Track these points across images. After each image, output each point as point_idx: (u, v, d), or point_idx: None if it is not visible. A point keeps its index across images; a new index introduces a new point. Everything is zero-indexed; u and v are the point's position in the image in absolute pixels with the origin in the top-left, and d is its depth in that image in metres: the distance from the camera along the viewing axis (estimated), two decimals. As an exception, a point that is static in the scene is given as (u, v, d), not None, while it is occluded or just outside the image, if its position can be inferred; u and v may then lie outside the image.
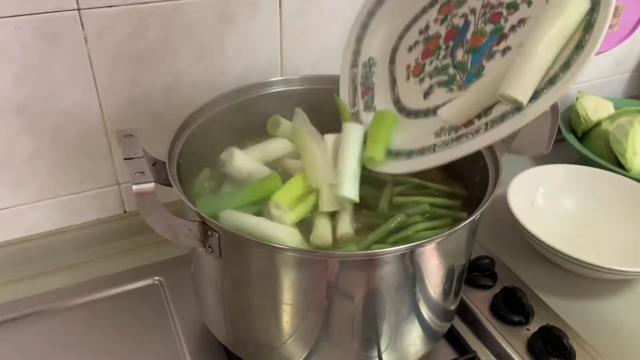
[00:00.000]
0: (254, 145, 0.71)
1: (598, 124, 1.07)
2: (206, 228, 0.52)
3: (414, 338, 0.62)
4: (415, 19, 0.71)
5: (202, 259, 0.58)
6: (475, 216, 0.54)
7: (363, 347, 0.59)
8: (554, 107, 0.96)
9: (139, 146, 0.54)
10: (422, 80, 0.68)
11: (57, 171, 0.78)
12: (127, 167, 0.51)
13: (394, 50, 0.72)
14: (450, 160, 0.59)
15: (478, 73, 0.62)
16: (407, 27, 0.71)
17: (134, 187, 0.48)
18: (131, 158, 0.52)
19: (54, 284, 0.78)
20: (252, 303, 0.57)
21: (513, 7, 0.60)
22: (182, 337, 0.71)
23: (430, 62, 0.67)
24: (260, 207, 0.63)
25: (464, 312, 0.75)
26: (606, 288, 0.80)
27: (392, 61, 0.72)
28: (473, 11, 0.64)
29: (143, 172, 0.50)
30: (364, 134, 0.68)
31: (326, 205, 0.62)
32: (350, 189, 0.62)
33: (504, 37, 0.61)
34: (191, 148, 0.66)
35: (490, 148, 0.63)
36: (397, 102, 0.70)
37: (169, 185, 0.57)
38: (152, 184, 0.49)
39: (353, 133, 0.67)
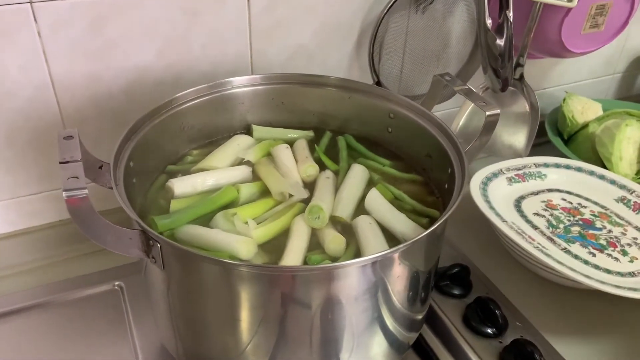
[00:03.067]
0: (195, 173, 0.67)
1: (585, 126, 1.03)
2: (148, 237, 0.49)
3: (378, 350, 0.59)
4: None
5: (149, 269, 0.55)
6: (436, 225, 0.51)
7: (322, 362, 0.56)
8: (534, 109, 0.93)
9: (78, 149, 0.51)
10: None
11: (14, 171, 0.75)
12: (62, 172, 0.47)
13: None
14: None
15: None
16: None
17: (65, 194, 0.45)
18: (67, 162, 0.49)
19: (12, 288, 0.75)
20: (199, 316, 0.53)
21: None
22: (139, 350, 0.68)
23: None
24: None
25: (435, 322, 0.71)
26: (585, 298, 0.77)
27: None
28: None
29: (77, 177, 0.46)
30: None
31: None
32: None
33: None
34: (147, 150, 0.63)
35: (460, 155, 0.60)
36: None
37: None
38: (85, 191, 0.46)
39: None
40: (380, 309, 0.55)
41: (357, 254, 0.58)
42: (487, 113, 0.61)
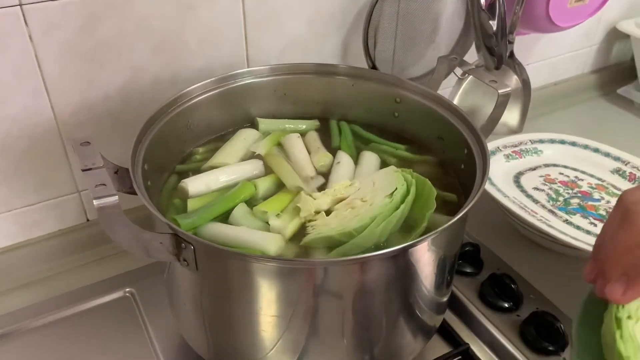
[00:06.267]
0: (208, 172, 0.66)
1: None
2: (179, 240, 0.48)
3: (409, 337, 0.59)
4: None
5: (176, 272, 0.54)
6: (465, 210, 0.51)
7: (354, 354, 0.56)
8: (526, 85, 0.95)
9: (98, 154, 0.49)
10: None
11: (10, 181, 0.72)
12: (87, 180, 0.46)
13: None
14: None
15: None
16: None
17: (95, 202, 0.43)
18: (90, 169, 0.47)
19: (15, 304, 0.72)
20: (235, 316, 0.52)
21: None
22: (160, 352, 0.66)
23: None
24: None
25: (454, 302, 0.72)
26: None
27: None
28: None
29: (105, 185, 0.45)
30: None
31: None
32: None
33: None
34: (157, 151, 0.61)
35: (476, 136, 0.60)
36: None
37: (134, 193, 0.52)
38: (116, 197, 0.44)
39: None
40: (410, 296, 0.55)
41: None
42: (500, 92, 0.62)
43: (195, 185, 0.62)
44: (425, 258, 0.53)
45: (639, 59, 1.18)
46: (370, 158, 0.68)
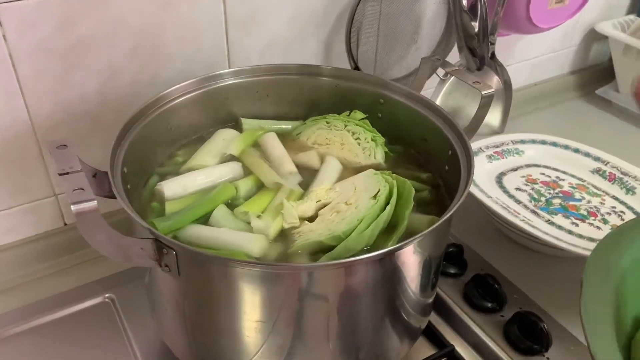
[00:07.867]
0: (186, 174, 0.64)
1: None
2: (161, 246, 0.47)
3: (395, 340, 0.59)
4: None
5: (157, 277, 0.53)
6: (452, 211, 0.51)
7: (340, 358, 0.55)
8: (507, 86, 0.95)
9: (76, 158, 0.47)
10: None
11: (-16, 186, 0.70)
12: (64, 184, 0.44)
13: None
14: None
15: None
16: None
17: (74, 208, 0.42)
18: (67, 173, 0.45)
19: (-9, 311, 0.71)
20: (219, 322, 0.51)
21: None
22: (140, 358, 0.65)
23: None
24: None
25: (438, 303, 0.72)
26: (572, 266, 0.79)
27: None
28: None
29: (83, 189, 0.43)
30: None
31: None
32: None
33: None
34: (136, 153, 0.60)
35: (461, 138, 0.60)
36: None
37: (113, 197, 0.51)
38: (94, 202, 0.43)
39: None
40: (397, 299, 0.55)
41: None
42: (483, 93, 0.62)
43: (171, 187, 0.61)
44: (411, 261, 0.53)
45: (617, 60, 1.20)
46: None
